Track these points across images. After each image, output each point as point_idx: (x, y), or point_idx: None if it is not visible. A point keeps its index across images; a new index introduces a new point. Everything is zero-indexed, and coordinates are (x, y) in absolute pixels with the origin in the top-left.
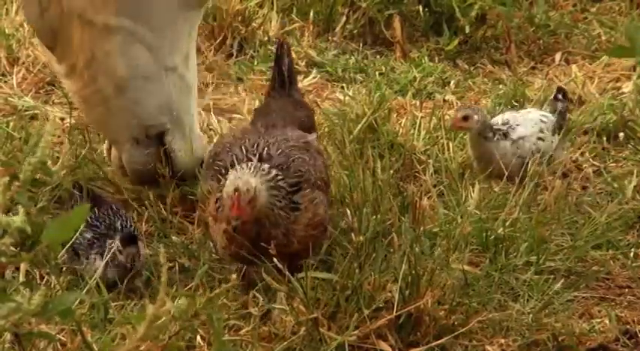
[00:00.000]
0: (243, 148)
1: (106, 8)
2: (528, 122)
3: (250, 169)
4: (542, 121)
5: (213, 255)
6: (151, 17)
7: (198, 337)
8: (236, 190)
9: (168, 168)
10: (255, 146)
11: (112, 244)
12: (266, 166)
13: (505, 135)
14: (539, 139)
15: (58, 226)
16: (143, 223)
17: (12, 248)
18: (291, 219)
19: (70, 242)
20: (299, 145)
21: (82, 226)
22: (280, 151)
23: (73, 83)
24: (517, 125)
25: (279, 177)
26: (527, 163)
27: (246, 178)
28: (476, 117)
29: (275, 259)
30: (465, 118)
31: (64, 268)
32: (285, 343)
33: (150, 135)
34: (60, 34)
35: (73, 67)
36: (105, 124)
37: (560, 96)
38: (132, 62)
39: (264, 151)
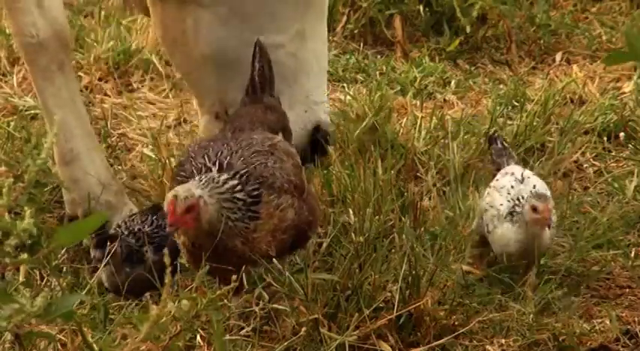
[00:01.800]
0: (206, 157)
1: None
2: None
3: (201, 181)
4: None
5: None
6: None
7: (199, 338)
8: (175, 196)
9: None
10: (218, 155)
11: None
12: (224, 176)
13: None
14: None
15: (69, 230)
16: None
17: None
18: (251, 228)
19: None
20: (263, 150)
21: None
22: (242, 158)
23: (170, 51)
24: None
25: (237, 188)
26: None
27: (188, 187)
28: (550, 206)
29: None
30: (534, 209)
31: (65, 269)
32: (286, 343)
33: (229, 111)
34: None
35: (160, 37)
36: (196, 93)
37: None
38: (210, 41)
39: (226, 160)
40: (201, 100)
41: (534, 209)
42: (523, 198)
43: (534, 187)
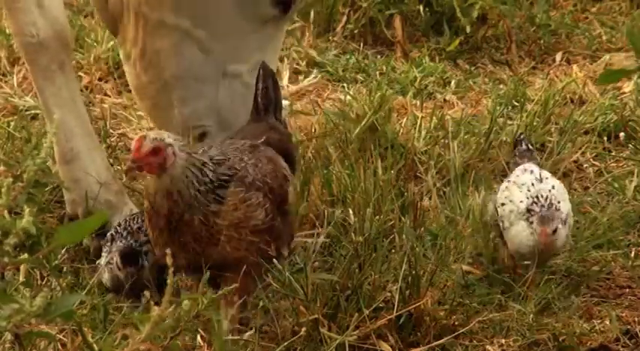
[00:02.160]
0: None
1: (162, 6)
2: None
3: (178, 140)
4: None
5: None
6: (213, 24)
7: (199, 338)
8: (144, 136)
9: None
10: (203, 148)
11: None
12: (199, 151)
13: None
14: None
15: (69, 230)
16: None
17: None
18: (213, 209)
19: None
20: (242, 148)
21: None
22: (221, 150)
23: (128, 70)
24: (558, 202)
25: (209, 167)
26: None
27: (160, 132)
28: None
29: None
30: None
31: (65, 269)
32: (286, 343)
33: (193, 135)
34: (120, 22)
35: (128, 55)
36: (153, 117)
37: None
38: (184, 62)
39: (206, 148)
40: (163, 125)
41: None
42: (542, 196)
43: (553, 187)
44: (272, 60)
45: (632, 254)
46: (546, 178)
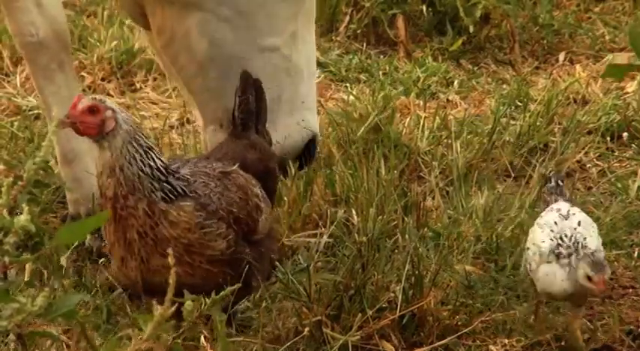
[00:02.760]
0: None
1: None
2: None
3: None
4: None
5: None
6: None
7: (202, 338)
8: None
9: None
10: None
11: None
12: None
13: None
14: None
15: (71, 229)
16: None
17: (15, 248)
18: (157, 201)
19: None
20: (213, 174)
21: None
22: (191, 170)
23: (166, 59)
24: (584, 239)
25: (154, 153)
26: None
27: (106, 99)
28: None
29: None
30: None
31: (68, 269)
32: (289, 343)
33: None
34: (147, 11)
35: (163, 45)
36: (195, 103)
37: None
38: (214, 42)
39: (177, 165)
40: (204, 108)
41: (589, 278)
42: (566, 236)
43: (579, 223)
44: (308, 24)
45: (635, 254)
46: (573, 214)
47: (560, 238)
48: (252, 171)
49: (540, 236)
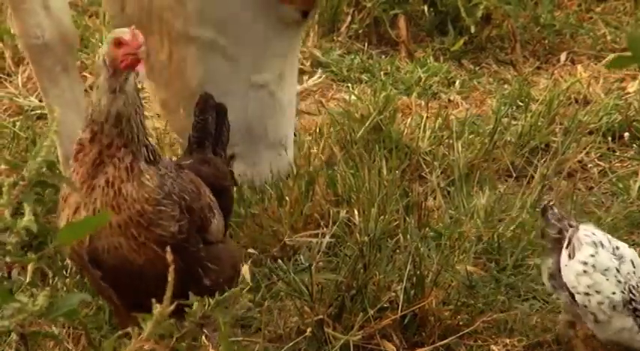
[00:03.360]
0: None
1: (186, 14)
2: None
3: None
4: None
5: None
6: (236, 31)
7: (204, 338)
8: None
9: None
10: None
11: None
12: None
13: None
14: None
15: (72, 229)
16: None
17: (20, 248)
18: (139, 157)
19: None
20: (167, 162)
21: None
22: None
23: (153, 84)
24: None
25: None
26: None
27: None
28: None
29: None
30: None
31: (71, 269)
32: (291, 343)
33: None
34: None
35: (151, 68)
36: (183, 131)
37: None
38: (209, 72)
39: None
40: (182, 131)
41: None
42: (635, 288)
43: (633, 265)
44: (293, 66)
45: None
46: (619, 250)
47: (631, 291)
48: (206, 184)
49: (608, 287)
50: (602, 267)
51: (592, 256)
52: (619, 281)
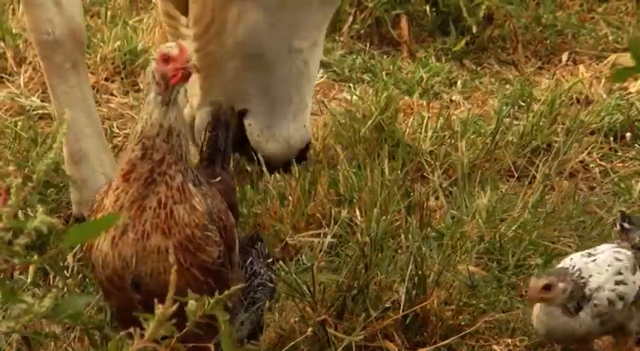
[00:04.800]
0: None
1: None
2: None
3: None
4: (617, 259)
5: None
6: None
7: None
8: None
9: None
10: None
11: None
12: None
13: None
14: (618, 283)
15: (80, 230)
16: None
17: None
18: (187, 179)
19: None
20: (201, 179)
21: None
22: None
23: (199, 46)
24: (590, 276)
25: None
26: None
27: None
28: (561, 285)
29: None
30: (548, 288)
31: (73, 270)
32: (292, 343)
33: (235, 108)
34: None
35: (196, 31)
36: (205, 81)
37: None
38: (250, 31)
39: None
40: (210, 90)
41: None
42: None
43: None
44: (322, 39)
45: None
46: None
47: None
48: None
49: None
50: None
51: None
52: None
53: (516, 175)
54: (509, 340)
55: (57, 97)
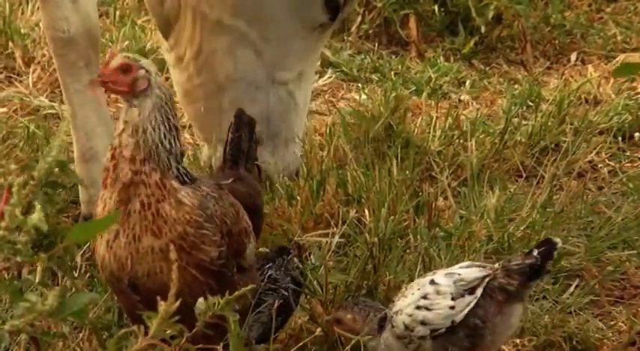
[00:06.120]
0: None
1: (222, 5)
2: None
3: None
4: (433, 281)
5: None
6: (267, 26)
7: None
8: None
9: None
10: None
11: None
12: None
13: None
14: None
15: (82, 229)
16: None
17: (31, 248)
18: (171, 172)
19: None
20: (209, 182)
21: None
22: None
23: (179, 74)
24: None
25: (175, 118)
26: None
27: (138, 56)
28: (349, 316)
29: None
30: (338, 321)
31: (83, 270)
32: (301, 343)
33: None
34: (175, 24)
35: (181, 58)
36: (200, 122)
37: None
38: (238, 64)
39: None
40: (211, 130)
41: None
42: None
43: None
44: (312, 68)
45: None
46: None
47: None
48: (241, 204)
49: None
50: None
51: None
52: None
53: (525, 175)
54: (518, 340)
55: (69, 96)
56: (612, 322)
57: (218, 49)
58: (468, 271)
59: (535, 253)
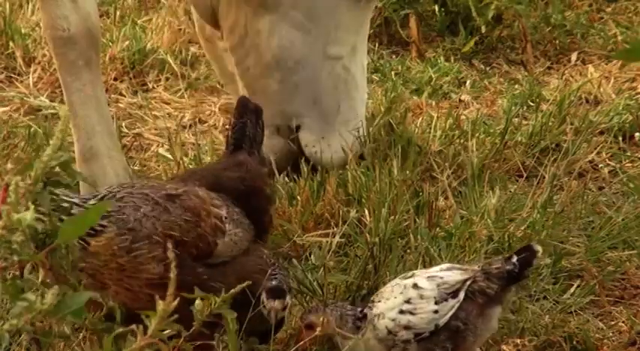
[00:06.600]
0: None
1: None
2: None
3: None
4: (416, 285)
5: None
6: (311, 3)
7: None
8: None
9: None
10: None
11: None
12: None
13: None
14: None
15: (72, 225)
16: None
17: (31, 248)
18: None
19: None
20: (153, 197)
21: None
22: (122, 196)
23: (233, 59)
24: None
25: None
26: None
27: None
28: (321, 319)
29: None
30: (309, 327)
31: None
32: (301, 343)
33: (291, 126)
34: (219, 10)
35: (231, 43)
36: (262, 104)
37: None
38: (283, 44)
39: (117, 190)
40: (271, 111)
41: None
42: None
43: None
44: (364, 42)
45: None
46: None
47: None
48: (229, 190)
49: None
50: None
51: None
52: None
53: (525, 175)
54: (519, 340)
55: (70, 95)
56: (612, 322)
57: (262, 30)
58: (450, 273)
59: (514, 259)
